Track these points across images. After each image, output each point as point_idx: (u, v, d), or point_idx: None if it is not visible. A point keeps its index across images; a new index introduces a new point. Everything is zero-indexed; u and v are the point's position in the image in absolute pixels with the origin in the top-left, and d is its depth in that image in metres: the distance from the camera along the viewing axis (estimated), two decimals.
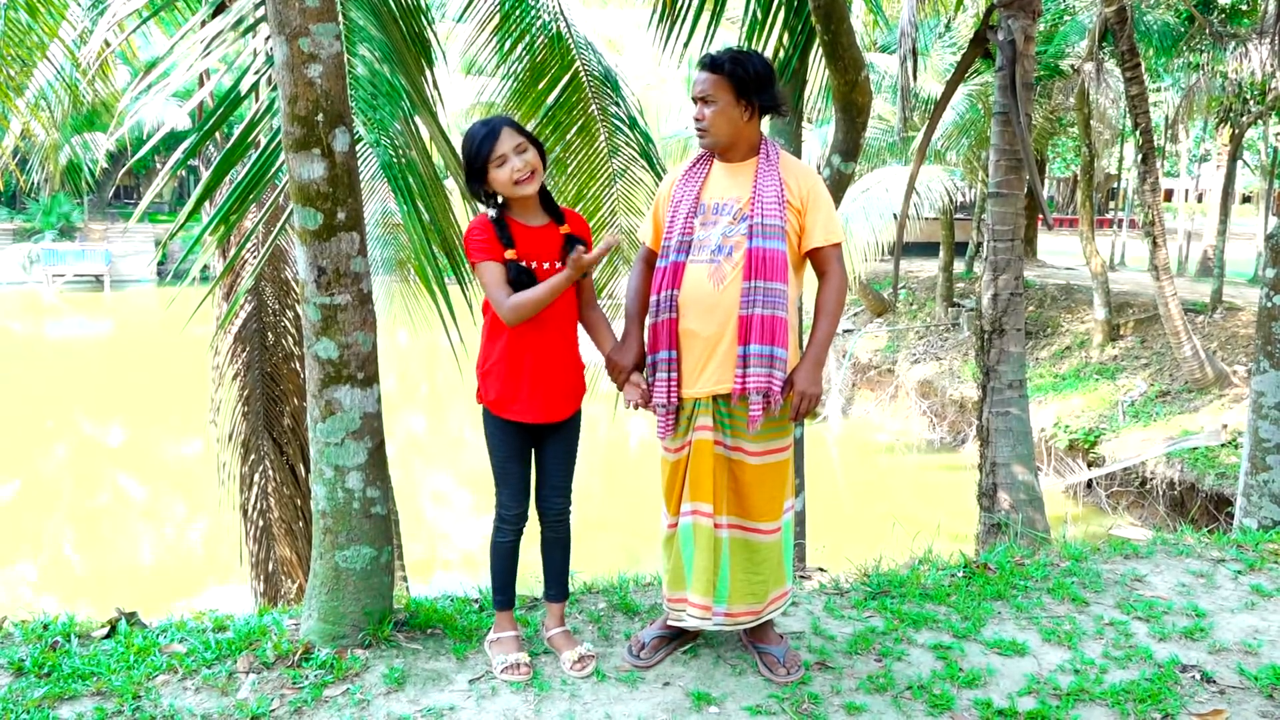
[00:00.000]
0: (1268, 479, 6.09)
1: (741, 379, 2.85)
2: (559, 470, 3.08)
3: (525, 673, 2.97)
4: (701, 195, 3.00)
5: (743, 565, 3.00)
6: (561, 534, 3.14)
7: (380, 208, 7.63)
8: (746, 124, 2.93)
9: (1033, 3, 6.57)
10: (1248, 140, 25.40)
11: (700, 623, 3.03)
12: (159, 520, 13.85)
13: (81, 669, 2.92)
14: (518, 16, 6.16)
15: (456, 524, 14.01)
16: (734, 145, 2.95)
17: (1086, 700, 2.96)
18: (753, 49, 3.03)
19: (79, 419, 19.02)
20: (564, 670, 3.01)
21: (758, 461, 2.96)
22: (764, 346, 2.84)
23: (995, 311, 6.88)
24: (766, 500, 2.99)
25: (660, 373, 2.97)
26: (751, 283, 2.85)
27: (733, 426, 2.95)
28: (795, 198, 2.91)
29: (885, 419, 18.55)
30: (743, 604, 3.01)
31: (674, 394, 2.96)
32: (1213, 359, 14.05)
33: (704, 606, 3.00)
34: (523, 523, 3.07)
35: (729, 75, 2.87)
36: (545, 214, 2.98)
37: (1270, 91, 16.21)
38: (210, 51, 4.27)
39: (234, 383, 6.79)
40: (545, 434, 3.04)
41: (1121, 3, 12.89)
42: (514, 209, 2.95)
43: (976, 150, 17.00)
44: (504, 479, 3.03)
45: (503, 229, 2.89)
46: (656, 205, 3.14)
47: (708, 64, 2.91)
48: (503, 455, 3.01)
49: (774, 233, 2.86)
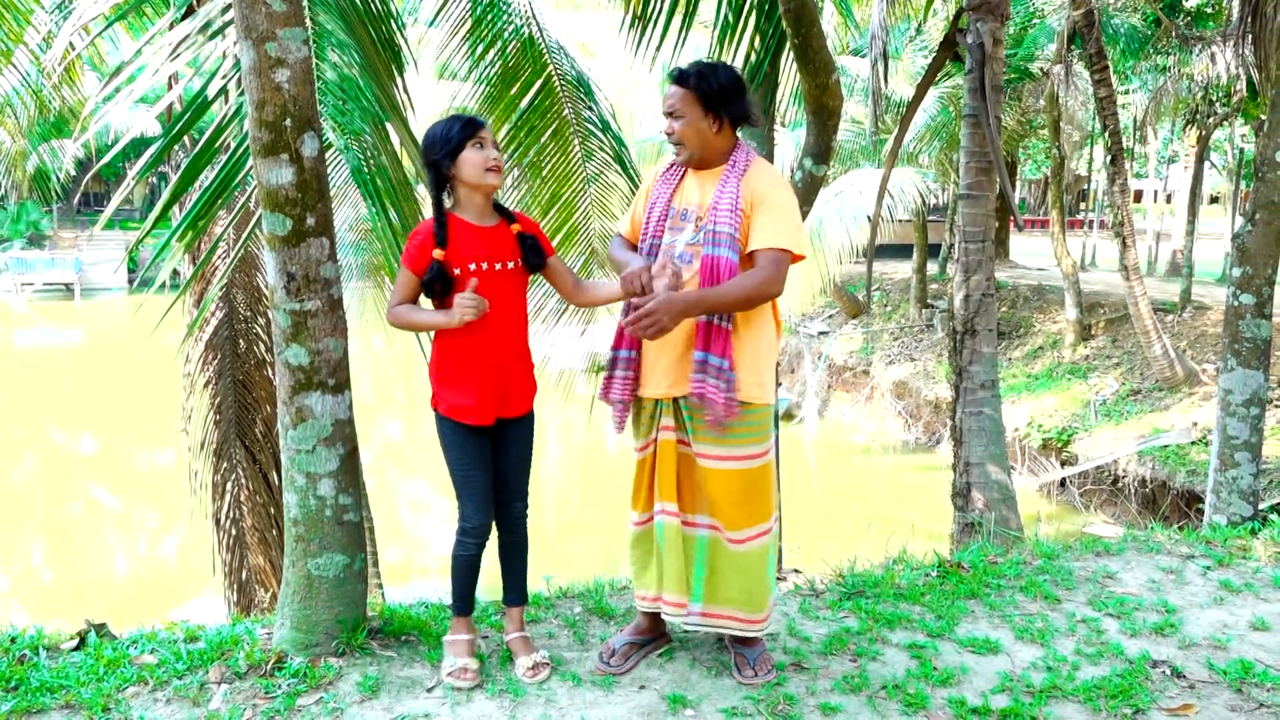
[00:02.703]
0: (1236, 475, 6.17)
1: (699, 385, 2.85)
2: (515, 473, 3.06)
3: (471, 678, 2.94)
4: (673, 200, 3.02)
5: (719, 567, 2.99)
6: (520, 537, 3.12)
7: (353, 213, 7.59)
8: (716, 135, 2.93)
9: (1001, 6, 6.63)
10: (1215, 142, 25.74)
11: (674, 619, 3.04)
12: (131, 530, 13.70)
13: (50, 682, 2.88)
14: (490, 21, 6.15)
15: (433, 530, 13.94)
16: (705, 157, 2.96)
17: (1059, 697, 2.99)
18: (722, 60, 3.02)
19: (49, 429, 18.78)
20: (518, 676, 2.99)
21: (724, 466, 2.92)
22: (699, 352, 2.85)
23: (967, 312, 6.93)
24: (734, 508, 2.95)
25: (619, 370, 3.01)
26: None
27: (694, 429, 2.94)
28: (747, 203, 2.91)
29: (861, 420, 18.64)
30: (723, 606, 3.00)
31: (629, 391, 3.00)
32: (1182, 358, 14.22)
33: (678, 604, 3.01)
34: (485, 535, 3.02)
35: (695, 89, 2.88)
36: (497, 215, 2.98)
37: (1236, 94, 16.43)
38: (178, 55, 4.24)
39: (205, 390, 6.72)
40: (500, 436, 3.02)
41: (1089, 6, 13.04)
42: (465, 208, 2.93)
43: (948, 152, 17.14)
44: (466, 489, 2.97)
45: (441, 228, 2.87)
46: (638, 201, 3.17)
47: (675, 78, 2.92)
48: (463, 463, 2.96)
49: (724, 240, 2.87)
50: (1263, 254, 6.07)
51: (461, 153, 2.84)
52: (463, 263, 2.87)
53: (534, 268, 2.98)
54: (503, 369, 2.94)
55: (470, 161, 2.85)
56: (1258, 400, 6.14)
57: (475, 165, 2.85)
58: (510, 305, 2.94)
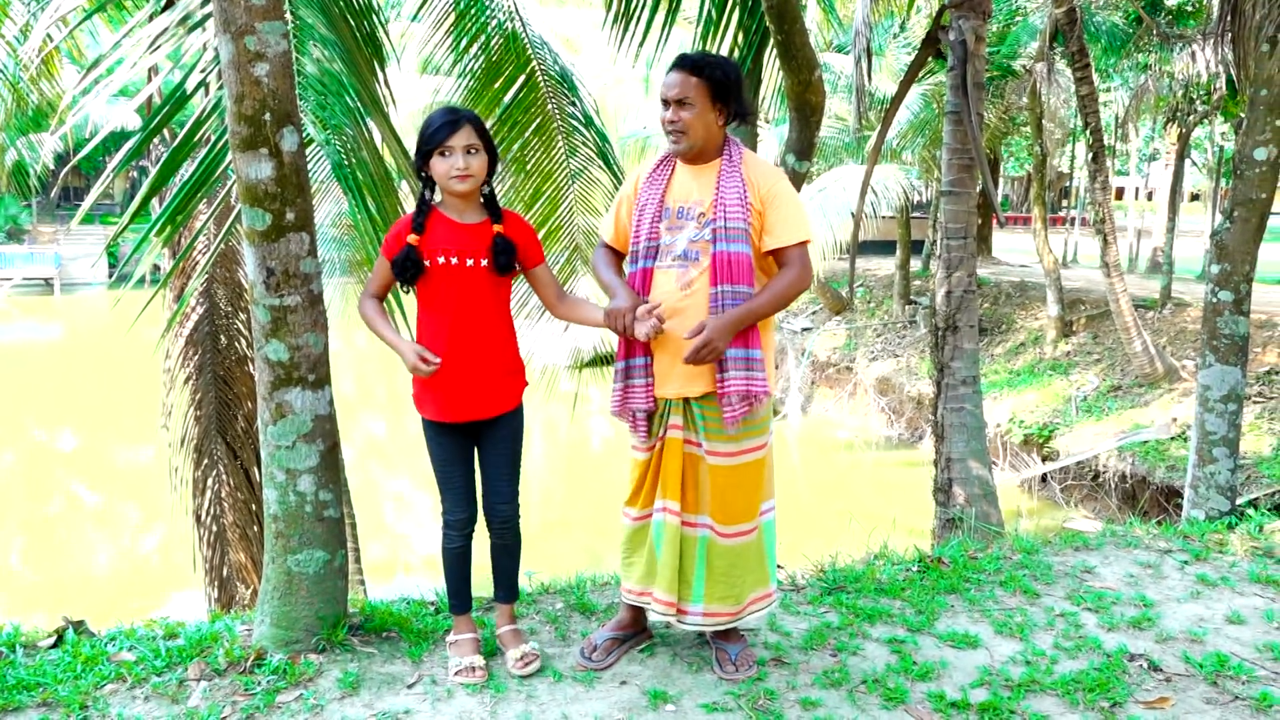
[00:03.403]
0: (1214, 471, 6.22)
1: (722, 383, 2.87)
2: (500, 475, 3.03)
3: (480, 676, 2.95)
4: (666, 199, 2.99)
5: (718, 567, 3.00)
6: (509, 541, 3.11)
7: (335, 209, 7.55)
8: (718, 128, 2.94)
9: (983, 3, 6.64)
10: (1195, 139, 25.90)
11: (663, 618, 3.04)
12: (111, 527, 13.60)
13: (27, 680, 2.86)
14: (473, 15, 6.13)
15: (417, 526, 13.90)
16: (703, 149, 2.95)
17: (1037, 691, 3.01)
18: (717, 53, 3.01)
19: (28, 424, 18.63)
20: (507, 667, 3.01)
21: (731, 462, 2.96)
22: (739, 350, 2.86)
23: (949, 308, 6.96)
24: (743, 501, 2.99)
25: (636, 378, 2.97)
26: (719, 287, 2.87)
27: (705, 427, 2.95)
28: (756, 198, 2.91)
29: (844, 416, 18.69)
30: (720, 604, 3.02)
31: (651, 398, 2.97)
32: (1162, 354, 14.32)
33: (668, 603, 3.01)
34: (470, 527, 3.05)
35: (708, 79, 2.86)
36: (483, 212, 2.96)
37: (1216, 92, 16.54)
38: (157, 47, 4.20)
39: (186, 386, 6.69)
40: (482, 435, 3.01)
41: (1071, 4, 13.10)
42: (446, 203, 2.95)
43: (931, 149, 17.19)
44: (445, 484, 3.02)
45: (421, 216, 2.90)
46: (619, 205, 3.13)
47: (686, 65, 2.88)
48: (440, 459, 3.00)
49: (737, 235, 2.87)
50: (1241, 251, 6.12)
51: (431, 158, 2.86)
52: (433, 254, 2.88)
53: (500, 269, 2.92)
54: (471, 369, 2.91)
55: (436, 169, 2.86)
56: (1235, 396, 6.20)
57: (440, 173, 2.86)
58: (480, 304, 2.91)
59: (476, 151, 2.85)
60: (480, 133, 2.87)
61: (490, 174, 2.93)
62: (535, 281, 3.06)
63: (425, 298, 2.94)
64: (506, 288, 3.01)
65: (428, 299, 2.93)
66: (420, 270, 2.87)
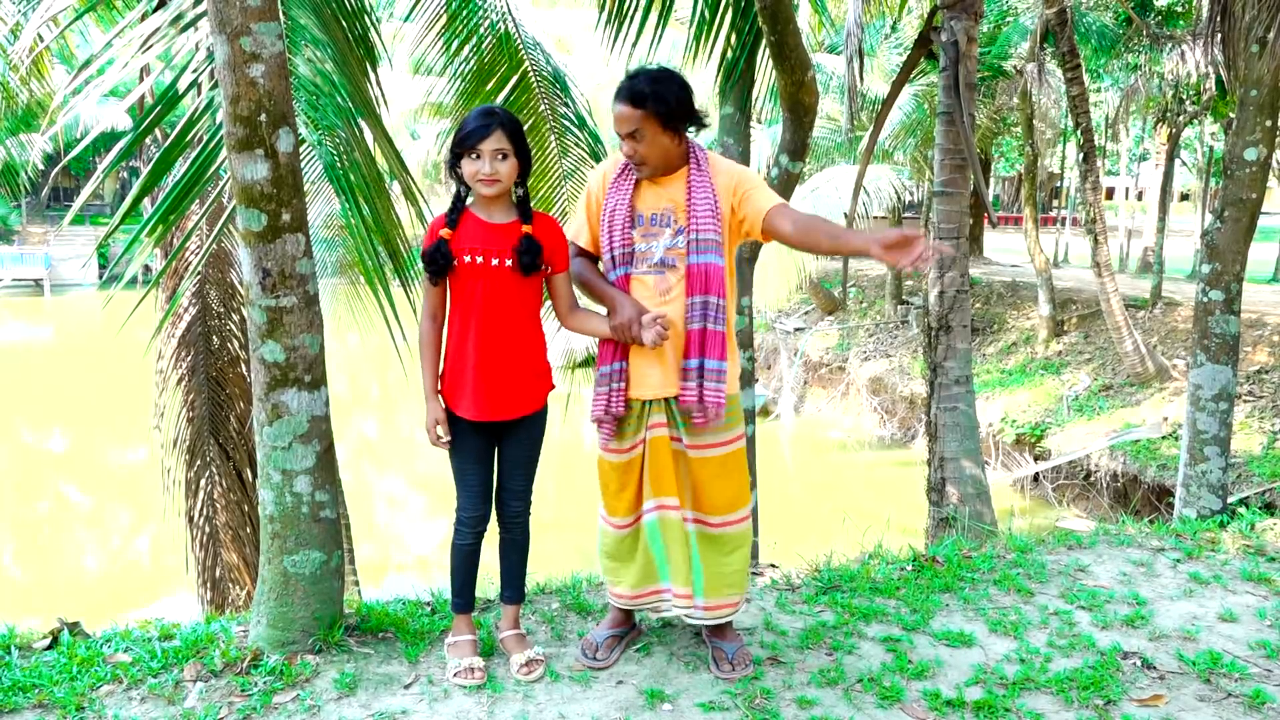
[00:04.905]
0: (1205, 469, 6.25)
1: (695, 390, 2.90)
2: (516, 472, 3.05)
3: (479, 677, 2.95)
4: (636, 204, 2.99)
5: (714, 559, 3.03)
6: (518, 536, 3.12)
7: (327, 209, 7.55)
8: (677, 146, 2.94)
9: (975, 4, 6.67)
10: (1185, 140, 26.00)
11: (683, 613, 3.06)
12: (104, 528, 13.56)
13: (22, 681, 2.85)
14: (465, 16, 6.13)
15: (409, 527, 13.88)
16: (668, 165, 2.97)
17: (1032, 689, 3.02)
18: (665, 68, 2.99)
19: (19, 426, 18.55)
20: (512, 673, 3.01)
21: (707, 454, 3.00)
22: (711, 360, 2.90)
23: (941, 309, 6.98)
24: (732, 490, 3.03)
25: (615, 383, 2.98)
26: (693, 299, 2.90)
27: (687, 425, 2.97)
28: (725, 202, 2.94)
29: (837, 416, 18.72)
30: (719, 596, 3.05)
31: (619, 403, 2.98)
32: (1153, 353, 14.38)
33: (685, 596, 3.03)
34: (482, 525, 3.04)
35: (653, 111, 2.84)
36: (513, 213, 2.96)
37: (1205, 92, 16.62)
38: (149, 47, 4.19)
39: (178, 387, 6.67)
40: (503, 434, 3.02)
41: (1062, 5, 13.15)
42: (476, 203, 2.96)
43: (923, 149, 17.25)
44: (461, 481, 3.02)
45: (454, 213, 2.92)
46: (588, 205, 3.10)
47: (627, 97, 2.86)
48: (459, 456, 3.00)
49: (709, 246, 2.90)
50: (1231, 251, 6.16)
51: (461, 159, 2.87)
52: (460, 252, 2.88)
53: (525, 269, 2.91)
54: (495, 368, 2.91)
55: (465, 169, 2.87)
56: (1226, 395, 6.23)
57: (468, 175, 2.87)
58: (505, 304, 2.90)
59: (506, 156, 2.84)
60: (513, 136, 2.85)
61: (524, 177, 2.92)
62: (553, 288, 3.06)
63: (454, 296, 2.95)
64: (535, 290, 2.97)
65: (457, 297, 2.94)
66: (449, 265, 2.88)
